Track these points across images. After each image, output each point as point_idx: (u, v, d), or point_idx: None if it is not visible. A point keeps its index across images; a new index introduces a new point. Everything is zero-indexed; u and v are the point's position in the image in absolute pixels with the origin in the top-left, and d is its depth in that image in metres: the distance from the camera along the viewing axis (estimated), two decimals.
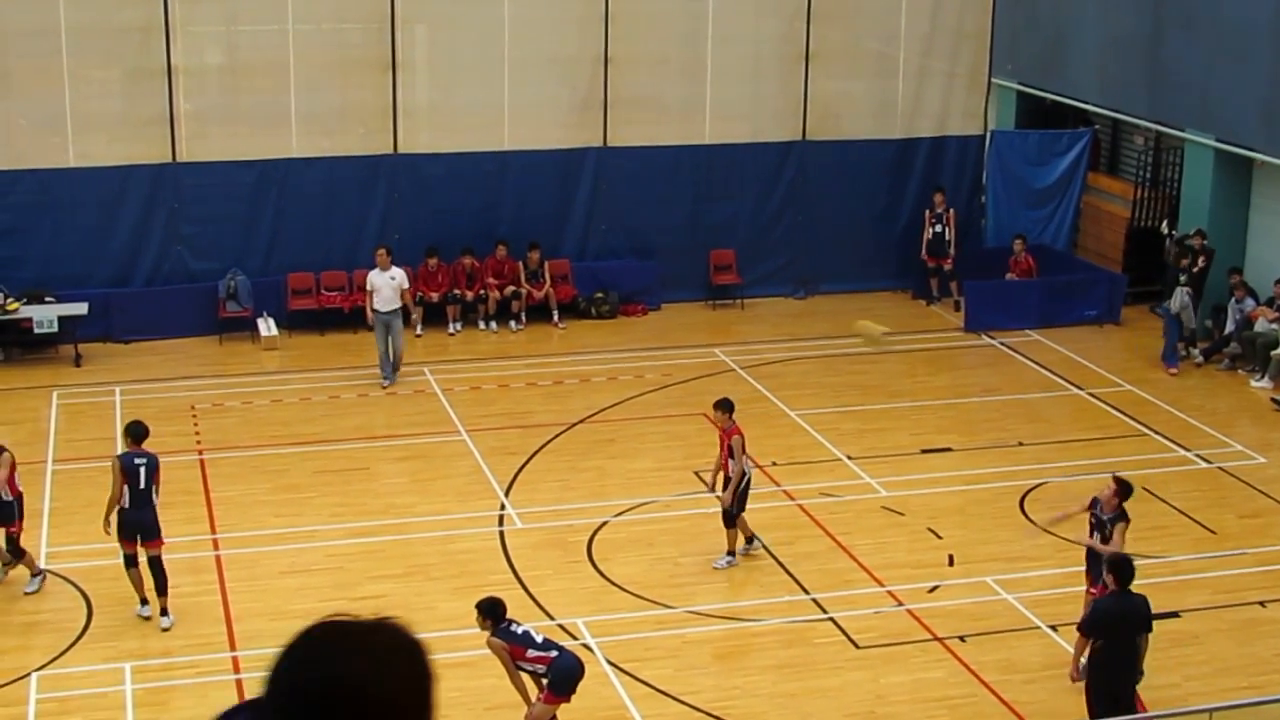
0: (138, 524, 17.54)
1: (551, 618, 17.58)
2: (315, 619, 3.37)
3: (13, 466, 18.28)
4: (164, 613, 17.60)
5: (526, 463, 22.44)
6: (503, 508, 20.87)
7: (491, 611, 14.81)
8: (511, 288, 28.94)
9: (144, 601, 17.75)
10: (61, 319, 26.86)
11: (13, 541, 18.30)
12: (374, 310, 25.39)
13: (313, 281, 28.71)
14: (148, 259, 28.29)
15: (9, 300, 26.72)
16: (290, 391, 25.67)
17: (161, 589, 17.60)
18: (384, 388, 25.48)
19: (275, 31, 28.53)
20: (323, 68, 28.67)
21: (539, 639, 14.77)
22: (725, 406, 19.00)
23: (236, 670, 16.59)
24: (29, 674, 16.49)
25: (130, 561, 17.65)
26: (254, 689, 12.13)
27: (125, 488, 17.45)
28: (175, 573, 18.82)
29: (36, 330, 26.80)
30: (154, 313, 27.98)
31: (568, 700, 14.74)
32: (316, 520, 20.41)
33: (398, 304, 25.46)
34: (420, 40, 29.25)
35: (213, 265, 28.33)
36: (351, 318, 28.03)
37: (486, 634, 14.80)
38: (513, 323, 28.96)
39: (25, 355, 27.06)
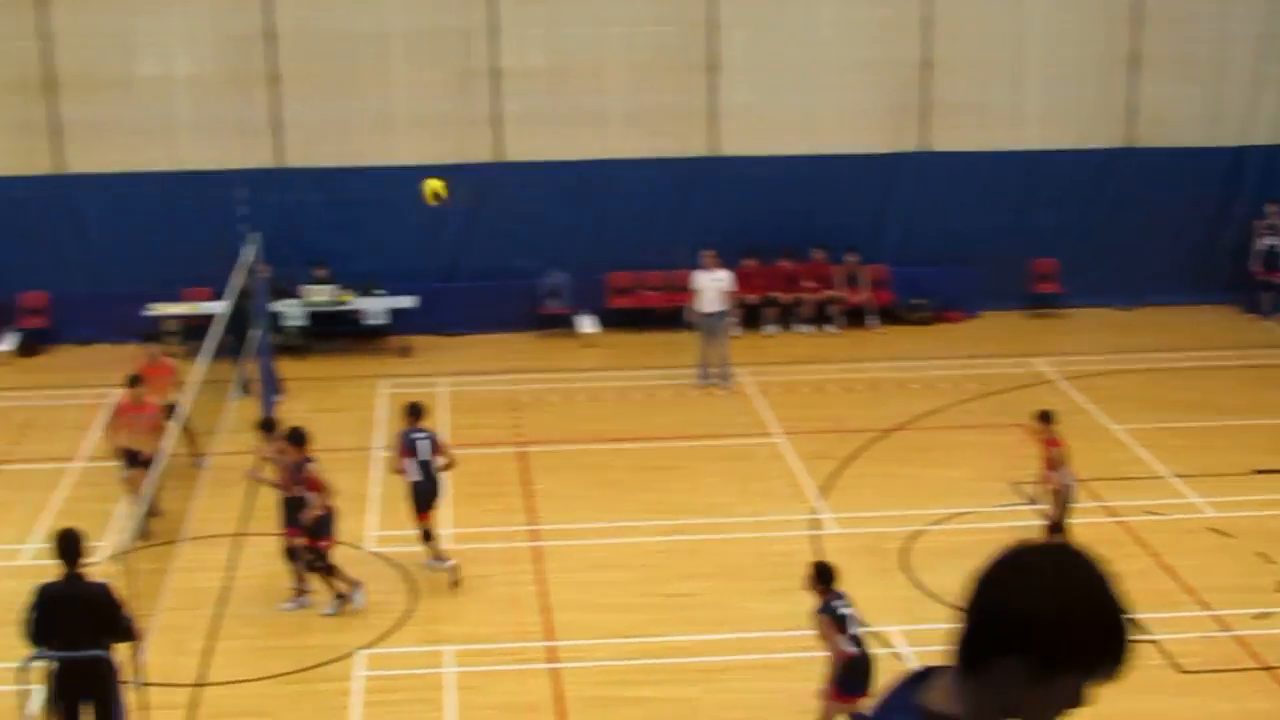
0: (430, 494, 18.69)
1: (864, 625, 17.46)
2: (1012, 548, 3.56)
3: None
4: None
5: (841, 467, 22.34)
6: (816, 511, 20.81)
7: (823, 575, 14.63)
8: (828, 291, 28.89)
9: (440, 558, 18.83)
10: (391, 311, 27.73)
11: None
12: (697, 311, 25.57)
13: (632, 280, 29.07)
14: (473, 255, 28.99)
15: (341, 292, 27.64)
16: (608, 388, 26.02)
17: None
18: (700, 387, 25.65)
19: (596, 34, 28.96)
20: (642, 70, 28.99)
21: (851, 630, 14.53)
22: (1047, 418, 18.67)
23: (553, 659, 16.85)
24: (354, 652, 17.01)
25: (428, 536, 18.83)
26: (572, 679, 12.27)
27: (407, 461, 18.66)
28: (493, 561, 19.30)
29: (367, 322, 27.72)
30: (478, 308, 28.69)
31: (853, 704, 14.43)
32: (631, 516, 20.62)
33: (721, 306, 25.59)
34: (738, 43, 29.33)
35: (535, 262, 28.89)
36: (669, 317, 28.29)
37: (813, 604, 14.58)
38: (829, 326, 28.90)
39: (356, 346, 27.98)
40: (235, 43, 28.57)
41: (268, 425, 18.76)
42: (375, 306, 27.85)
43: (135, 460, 19.47)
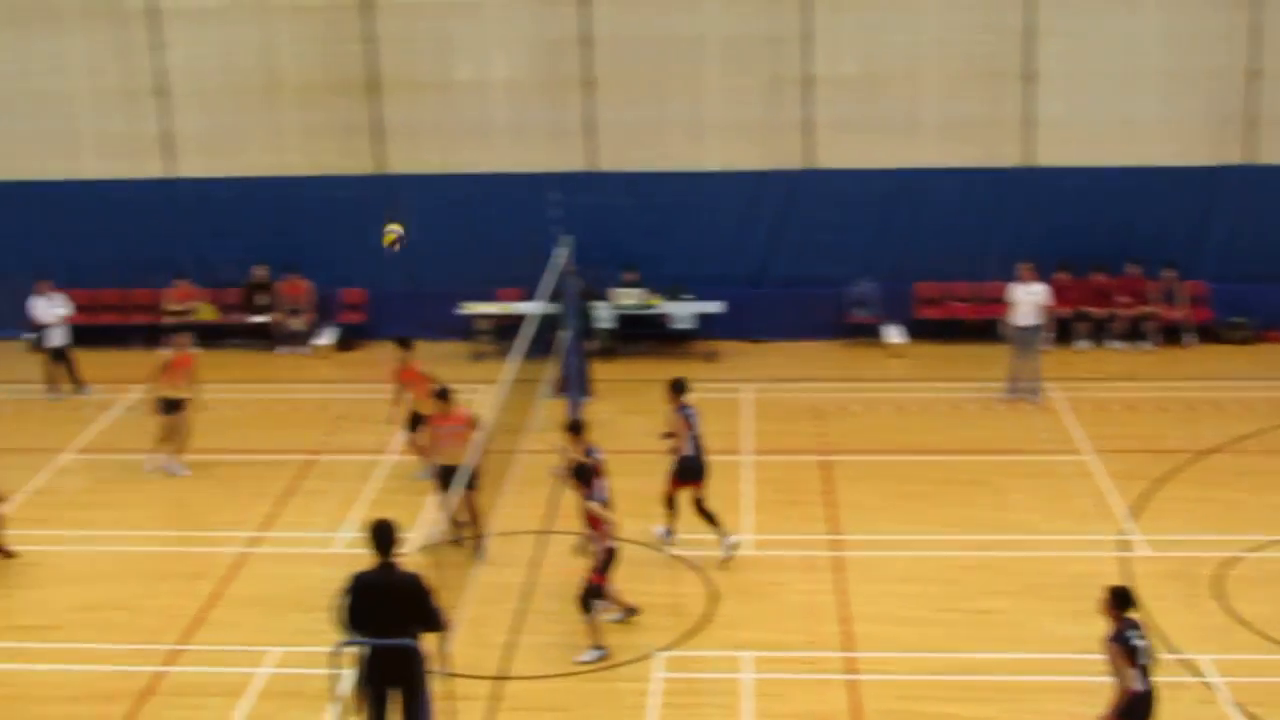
0: (699, 469, 19.51)
1: (1173, 652, 16.97)
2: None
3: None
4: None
5: (1153, 488, 21.76)
6: (1125, 533, 20.30)
7: (1120, 601, 14.18)
8: (1144, 307, 28.19)
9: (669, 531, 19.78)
10: (698, 316, 27.91)
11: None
12: (1011, 324, 25.20)
13: (940, 291, 28.77)
14: (781, 262, 29.02)
15: (650, 296, 27.91)
16: (914, 400, 25.79)
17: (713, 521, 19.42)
18: (1008, 401, 25.27)
19: (910, 41, 28.70)
20: (957, 78, 28.63)
21: (1141, 662, 14.11)
22: None
23: (851, 670, 16.76)
24: (653, 653, 17.14)
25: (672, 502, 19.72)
26: (870, 691, 12.23)
27: (690, 437, 19.30)
28: (794, 569, 19.27)
29: (674, 326, 27.95)
30: (784, 315, 28.71)
31: None
32: (935, 530, 20.39)
33: (1036, 319, 25.15)
34: (1055, 51, 28.75)
35: (842, 270, 28.78)
36: (978, 328, 27.94)
37: (1107, 630, 14.17)
38: (1143, 343, 28.21)
39: (662, 349, 28.22)
40: (551, 47, 29.07)
41: (575, 427, 19.00)
42: (682, 311, 28.07)
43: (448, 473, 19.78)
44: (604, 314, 27.68)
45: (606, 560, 17.17)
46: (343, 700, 13.87)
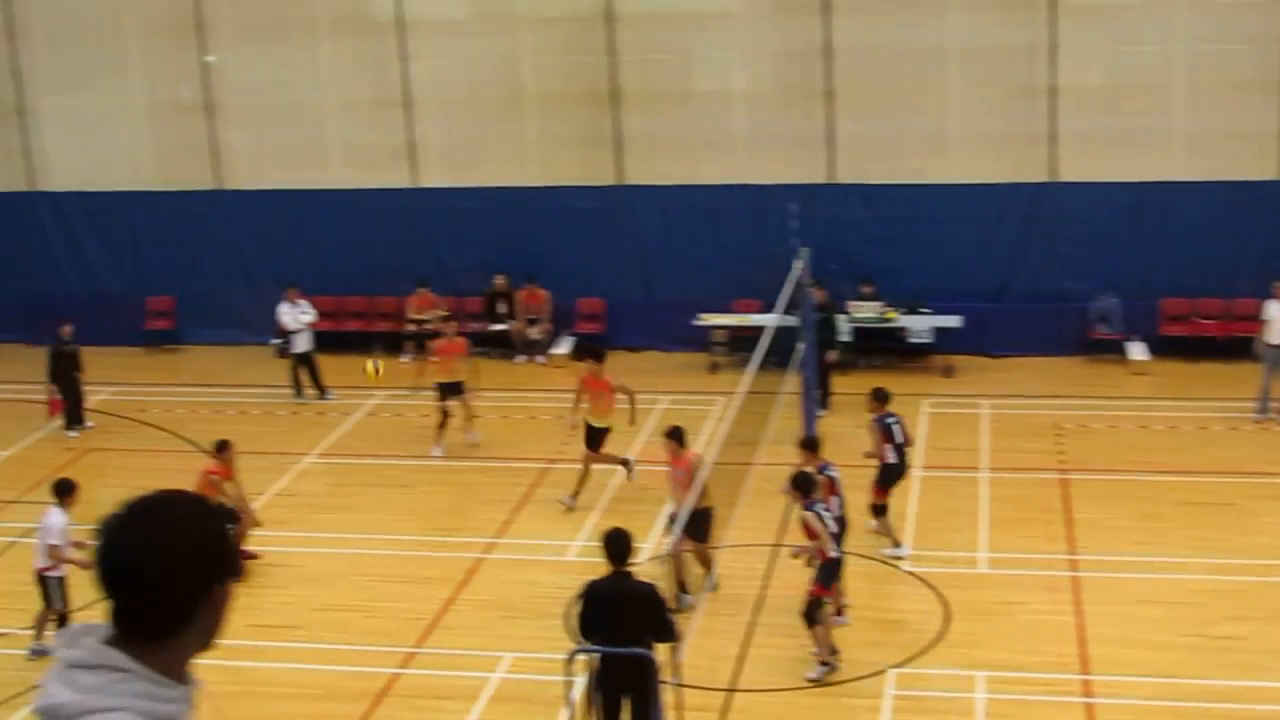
0: (899, 475, 19.97)
1: None
2: None
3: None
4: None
5: None
6: None
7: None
8: None
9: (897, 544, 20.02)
10: (936, 330, 27.64)
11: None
12: (1265, 342, 24.51)
13: (1188, 307, 28.09)
14: (1022, 276, 28.59)
15: (887, 309, 27.72)
16: (1157, 418, 25.20)
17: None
18: (1256, 422, 24.59)
19: (1161, 51, 28.12)
20: (1206, 88, 27.94)
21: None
22: None
23: (1087, 693, 16.44)
24: (885, 670, 17.01)
25: (882, 511, 19.96)
26: (1105, 715, 11.95)
27: (888, 446, 19.53)
28: (1030, 588, 18.99)
29: (911, 340, 27.71)
30: (1024, 330, 28.26)
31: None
32: (1178, 552, 19.91)
33: None
34: None
35: (1085, 286, 28.26)
36: (1227, 347, 27.24)
37: None
38: None
39: (899, 363, 28.00)
40: (792, 58, 29.03)
41: (809, 444, 18.93)
42: (920, 325, 27.81)
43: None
44: (841, 327, 27.51)
45: (828, 572, 17.04)
46: (574, 707, 13.99)
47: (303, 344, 27.37)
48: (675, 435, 19.37)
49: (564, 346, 29.39)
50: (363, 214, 30.28)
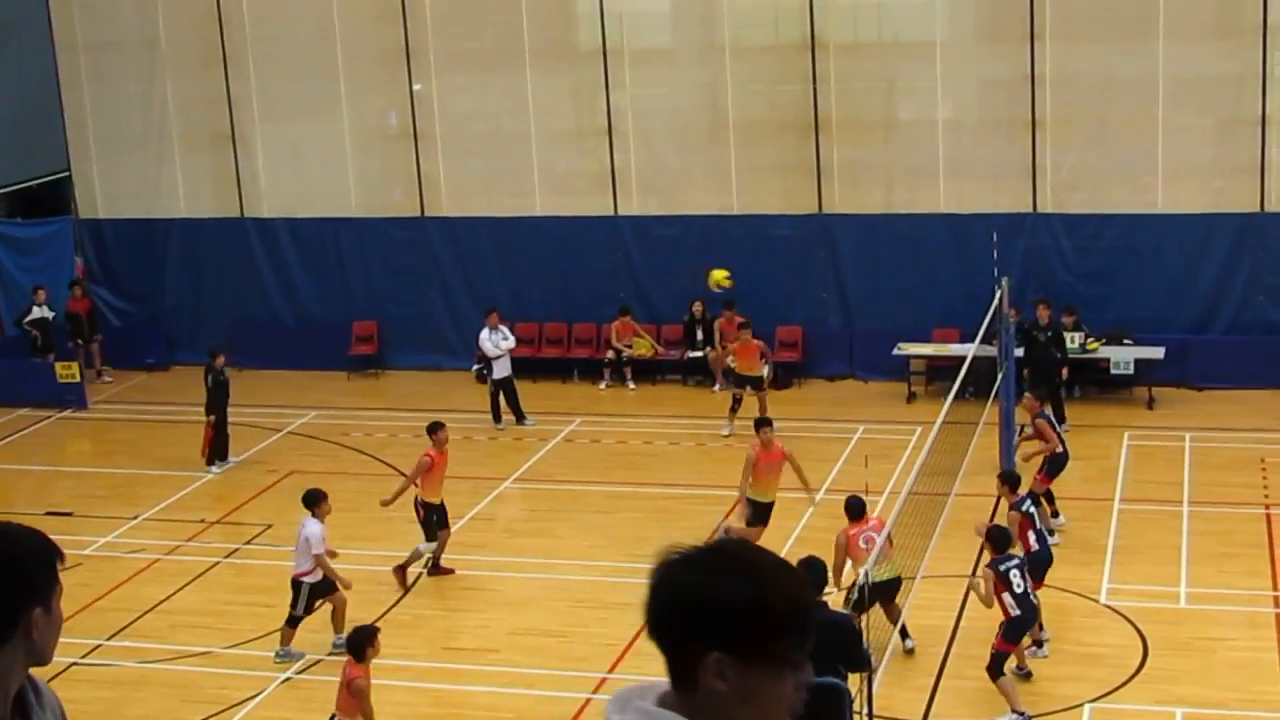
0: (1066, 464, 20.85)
1: None
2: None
3: None
4: None
5: None
6: None
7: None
8: None
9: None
10: (1138, 361, 27.24)
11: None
12: None
13: None
14: (1228, 307, 28.06)
15: (1090, 340, 27.37)
16: None
17: None
18: None
19: None
20: None
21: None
22: None
23: None
24: (1083, 704, 16.81)
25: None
26: None
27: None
28: (1233, 624, 18.68)
29: (1113, 370, 27.33)
30: (1230, 361, 27.71)
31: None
32: None
33: None
34: None
35: None
36: None
37: None
38: None
39: (1101, 394, 27.64)
40: (998, 87, 28.84)
41: (1009, 479, 18.91)
42: (1122, 355, 27.41)
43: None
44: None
45: (1012, 628, 16.77)
46: None
47: (502, 369, 27.75)
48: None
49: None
50: (564, 241, 30.63)
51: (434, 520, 21.01)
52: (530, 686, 17.86)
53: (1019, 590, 16.64)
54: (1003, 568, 16.66)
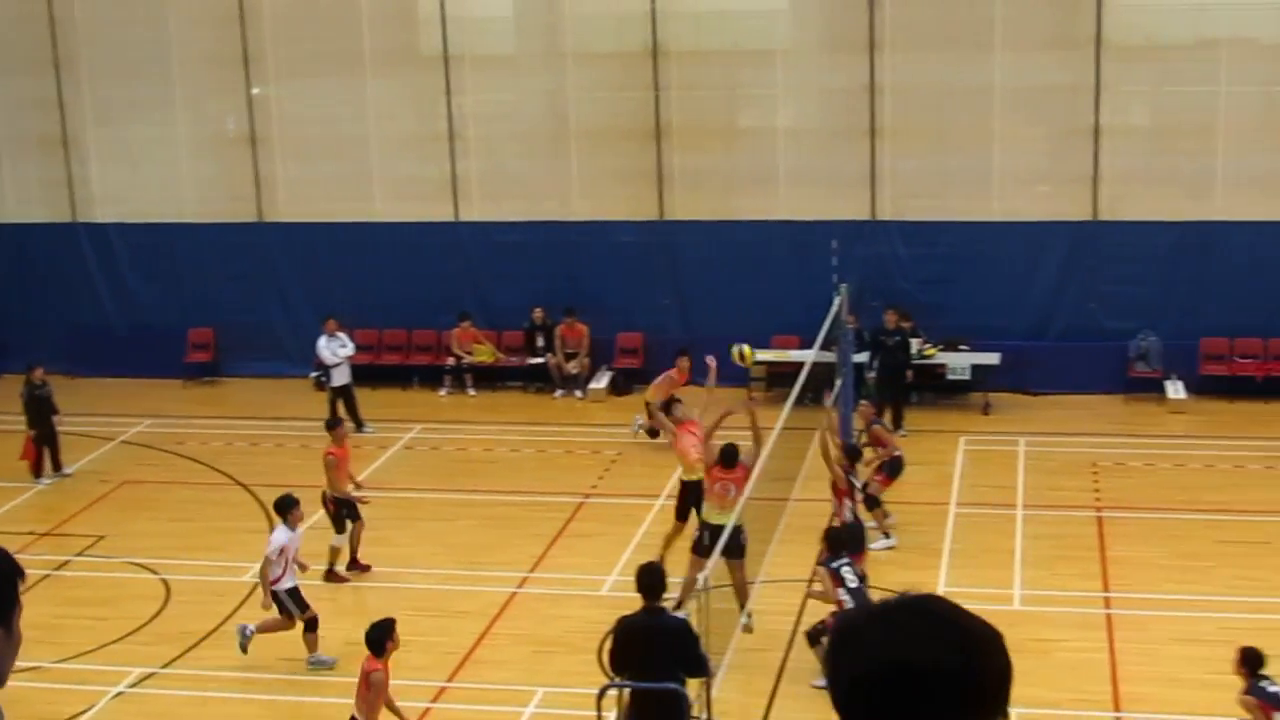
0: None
1: None
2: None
3: None
4: None
5: None
6: None
7: (1250, 661, 14.44)
8: None
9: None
10: (974, 367, 27.62)
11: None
12: None
13: (1227, 347, 27.99)
14: (1062, 314, 28.55)
15: (927, 345, 27.70)
16: (1195, 457, 25.14)
17: None
18: None
19: (1204, 92, 28.06)
20: (1252, 130, 27.89)
21: None
22: None
23: None
24: None
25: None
26: None
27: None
28: (1064, 625, 18.98)
29: (949, 376, 27.69)
30: (1063, 367, 28.20)
31: None
32: (1214, 590, 19.85)
33: None
34: None
35: (1125, 324, 28.20)
36: (1265, 387, 27.17)
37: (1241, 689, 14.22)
38: None
39: (938, 400, 27.99)
40: (838, 96, 29.08)
41: (851, 451, 19.25)
42: (958, 362, 27.77)
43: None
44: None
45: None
46: None
47: (341, 377, 27.47)
48: (728, 454, 19.48)
49: (601, 381, 29.43)
50: (404, 247, 30.40)
51: (344, 514, 20.97)
52: None
53: (853, 585, 16.88)
54: (834, 565, 16.89)
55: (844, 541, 17.37)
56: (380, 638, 15.46)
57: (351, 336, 28.02)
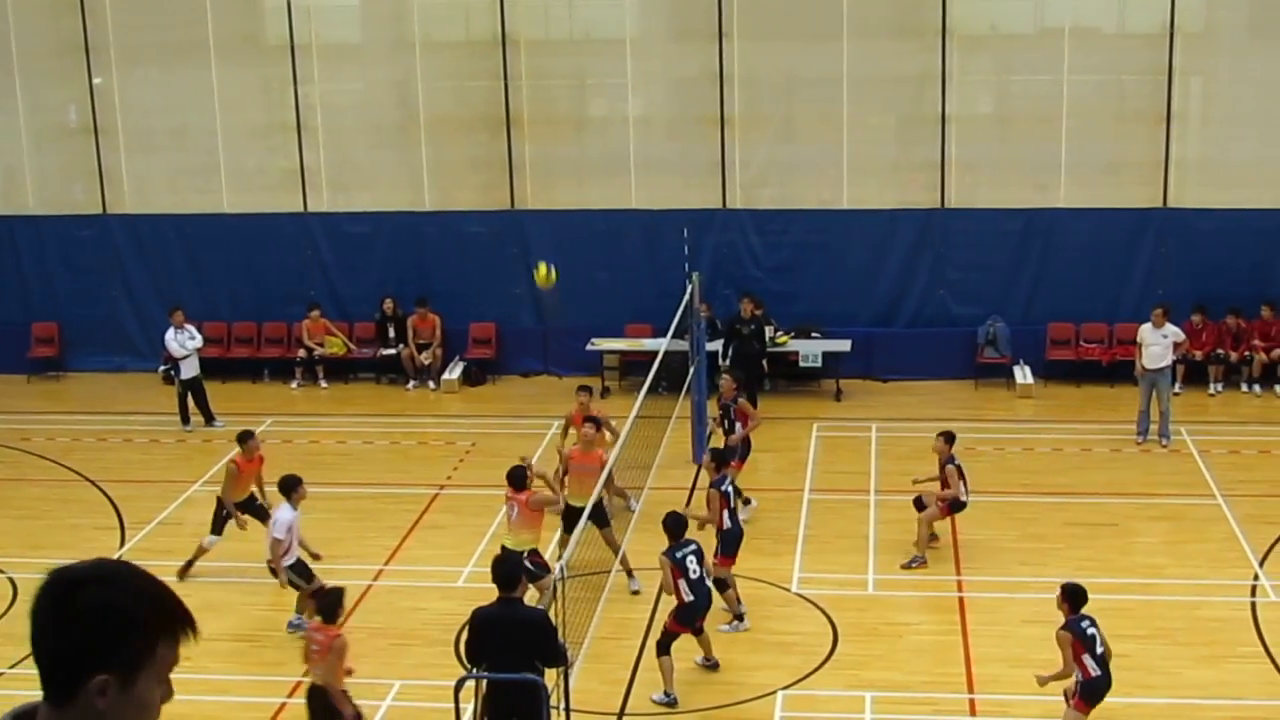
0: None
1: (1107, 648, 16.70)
2: None
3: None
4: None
5: None
6: (1256, 578, 19.95)
7: (1071, 597, 15.16)
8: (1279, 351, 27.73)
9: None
10: (826, 354, 27.85)
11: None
12: (1143, 366, 24.90)
13: (1073, 332, 28.50)
14: (911, 301, 28.88)
15: (779, 333, 27.88)
16: (1043, 441, 25.55)
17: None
18: (1138, 444, 24.96)
19: (1048, 81, 28.49)
20: (1095, 119, 28.37)
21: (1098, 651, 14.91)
22: None
23: (972, 712, 16.61)
24: (776, 691, 17.08)
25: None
26: None
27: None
28: (917, 610, 19.18)
29: (802, 364, 27.90)
30: (913, 354, 28.57)
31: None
32: (1062, 572, 19.98)
33: (1167, 361, 24.86)
34: (1196, 91, 28.51)
35: (974, 310, 28.60)
36: (1110, 371, 27.67)
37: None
38: (1278, 387, 27.72)
39: (791, 387, 28.21)
40: (686, 85, 29.19)
41: (717, 456, 19.26)
42: (810, 349, 27.98)
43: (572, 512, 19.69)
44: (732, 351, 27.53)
45: (682, 612, 16.99)
46: None
47: (190, 370, 27.08)
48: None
49: (455, 372, 29.30)
50: (252, 239, 30.07)
51: (225, 516, 20.57)
52: (224, 693, 17.44)
53: (694, 576, 16.91)
54: (679, 555, 16.87)
55: (685, 526, 17.29)
56: (333, 605, 15.34)
57: (200, 329, 27.63)
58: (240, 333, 30.30)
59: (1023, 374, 28.05)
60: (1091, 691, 15.04)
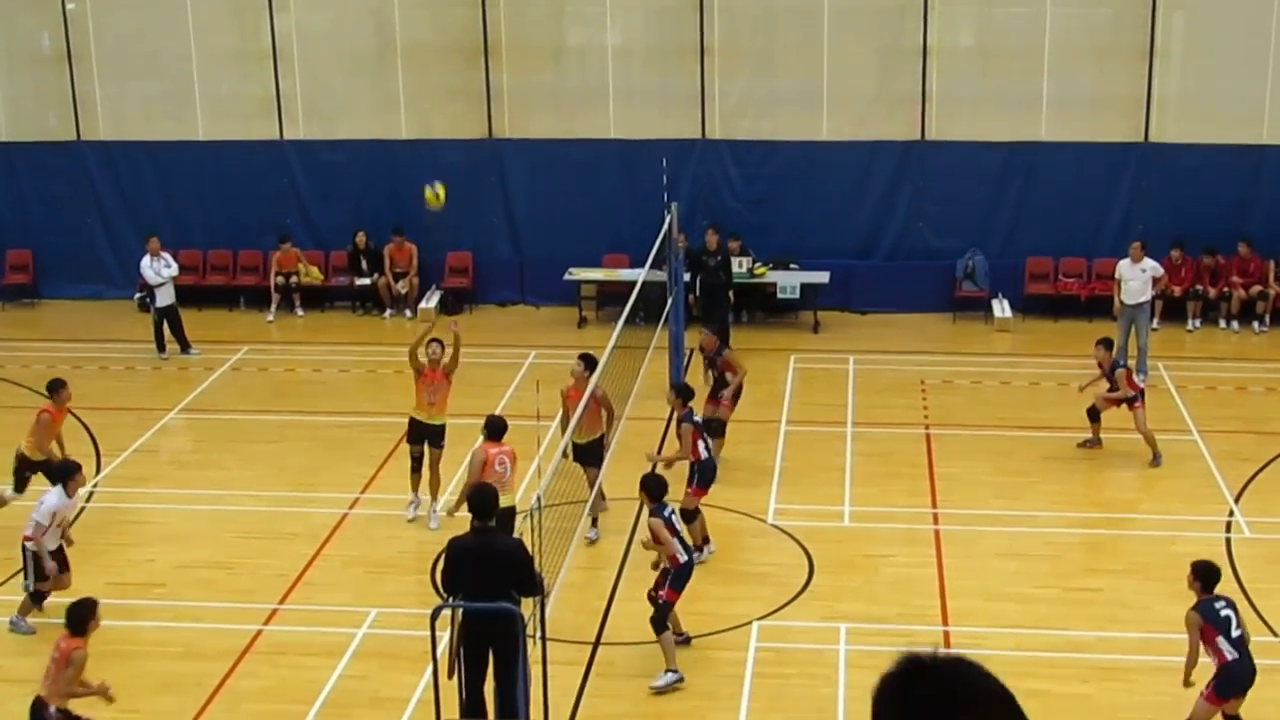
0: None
1: (1276, 634, 16.74)
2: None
3: None
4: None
5: (1260, 470, 21.42)
6: (1231, 514, 20.01)
7: (1203, 576, 14.19)
8: (1258, 287, 27.73)
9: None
10: (803, 286, 27.80)
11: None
12: (1121, 301, 24.88)
13: (1051, 267, 28.48)
14: (890, 234, 28.83)
15: (757, 265, 27.81)
16: (1020, 375, 25.58)
17: None
18: None
19: (1030, 14, 28.37)
20: (1077, 53, 28.25)
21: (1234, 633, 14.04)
22: None
23: (947, 644, 16.64)
24: (751, 622, 17.11)
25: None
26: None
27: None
28: (893, 542, 19.21)
29: (779, 296, 27.85)
30: (891, 287, 28.54)
31: (1228, 704, 13.99)
32: (1037, 506, 20.21)
33: (1146, 297, 24.85)
34: (1179, 27, 28.38)
35: (952, 244, 28.56)
36: (1088, 306, 27.66)
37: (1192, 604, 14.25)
38: (1256, 324, 27.76)
39: (768, 319, 28.18)
40: (666, 14, 29.00)
41: (682, 392, 19.15)
42: (788, 281, 27.94)
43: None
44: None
45: (678, 577, 16.08)
46: (439, 662, 13.93)
47: (165, 298, 26.92)
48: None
49: (431, 301, 29.18)
50: (227, 167, 29.86)
51: (26, 476, 19.69)
52: (199, 620, 17.42)
53: (682, 535, 16.35)
54: (666, 513, 16.22)
55: (665, 489, 16.45)
56: (83, 616, 14.64)
57: (175, 257, 27.46)
58: (216, 260, 30.15)
59: (1001, 308, 28.04)
60: (1227, 680, 13.86)
